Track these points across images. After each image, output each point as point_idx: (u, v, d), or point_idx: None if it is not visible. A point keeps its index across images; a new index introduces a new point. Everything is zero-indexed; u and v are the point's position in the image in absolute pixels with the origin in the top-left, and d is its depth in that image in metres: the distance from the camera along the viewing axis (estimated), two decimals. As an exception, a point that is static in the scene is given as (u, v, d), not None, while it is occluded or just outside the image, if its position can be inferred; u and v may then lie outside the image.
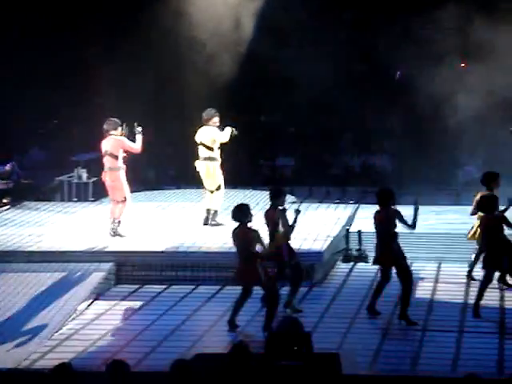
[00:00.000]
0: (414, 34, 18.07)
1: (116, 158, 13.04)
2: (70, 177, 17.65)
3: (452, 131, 17.65)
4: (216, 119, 13.57)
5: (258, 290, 10.50)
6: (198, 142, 13.66)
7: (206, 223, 13.83)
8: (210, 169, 13.59)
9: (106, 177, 13.19)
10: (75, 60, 18.66)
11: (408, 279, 10.59)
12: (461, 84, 16.88)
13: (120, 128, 13.08)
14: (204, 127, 13.63)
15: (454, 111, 17.30)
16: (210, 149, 13.53)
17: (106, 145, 13.14)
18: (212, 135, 13.54)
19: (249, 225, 10.38)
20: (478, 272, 11.57)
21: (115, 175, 13.08)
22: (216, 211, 13.72)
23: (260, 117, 20.33)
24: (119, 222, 13.26)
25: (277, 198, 11.00)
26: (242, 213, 10.40)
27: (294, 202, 14.94)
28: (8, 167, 17.05)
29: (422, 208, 10.99)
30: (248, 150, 20.18)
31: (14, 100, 18.87)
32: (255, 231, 10.34)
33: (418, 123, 18.68)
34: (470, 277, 12.04)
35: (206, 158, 13.58)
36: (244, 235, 10.34)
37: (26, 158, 19.91)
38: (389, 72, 19.64)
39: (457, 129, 17.52)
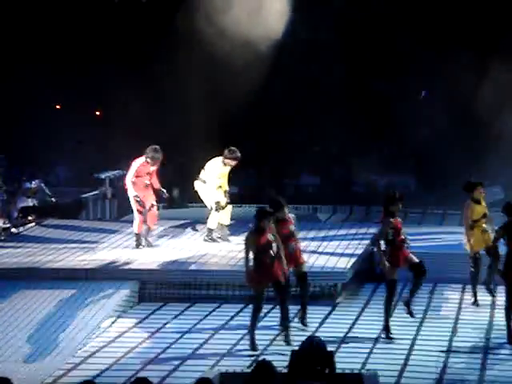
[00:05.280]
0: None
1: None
2: (94, 194, 17.75)
3: (476, 151, 17.60)
4: (230, 162, 13.96)
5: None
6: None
7: (221, 239, 14.19)
8: (203, 190, 14.11)
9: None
10: (99, 81, 18.81)
11: None
12: (485, 102, 16.85)
13: (151, 157, 13.66)
14: (218, 157, 14.04)
15: (479, 131, 17.26)
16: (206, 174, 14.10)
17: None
18: (213, 167, 13.99)
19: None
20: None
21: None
22: (210, 229, 14.13)
23: (284, 135, 20.34)
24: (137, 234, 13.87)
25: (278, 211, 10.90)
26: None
27: None
28: (34, 184, 17.18)
29: (449, 228, 10.93)
30: (272, 168, 20.21)
31: (41, 118, 19.06)
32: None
33: (440, 143, 18.64)
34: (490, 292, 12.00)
35: (201, 179, 14.14)
36: None
37: (52, 176, 20.05)
38: (412, 91, 19.64)
39: (481, 148, 17.48)
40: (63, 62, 18.55)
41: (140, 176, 13.72)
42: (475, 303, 11.89)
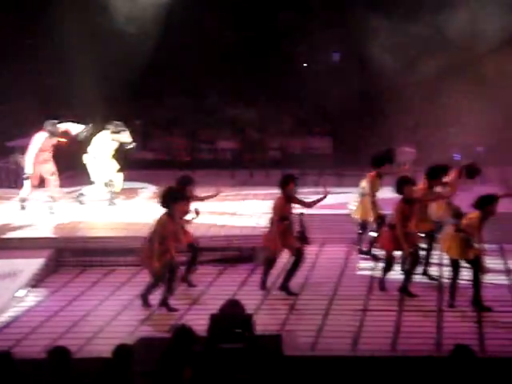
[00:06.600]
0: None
1: None
2: (6, 162, 17.38)
3: (389, 110, 17.83)
4: (116, 136, 14.42)
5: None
6: None
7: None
8: (92, 164, 14.49)
9: None
10: (10, 42, 18.34)
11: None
12: (403, 63, 17.05)
13: (50, 131, 13.99)
14: (104, 132, 14.47)
15: (393, 90, 17.48)
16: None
17: None
18: (102, 143, 14.39)
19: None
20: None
21: None
22: (83, 194, 14.65)
23: (201, 99, 20.23)
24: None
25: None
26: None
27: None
28: None
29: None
30: (188, 132, 20.11)
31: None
32: None
33: (356, 104, 18.81)
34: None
35: (90, 154, 14.49)
36: None
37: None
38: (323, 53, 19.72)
39: (394, 108, 17.71)
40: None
41: (44, 150, 13.95)
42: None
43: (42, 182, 14.44)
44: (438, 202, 11.68)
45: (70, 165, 15.94)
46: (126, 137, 14.61)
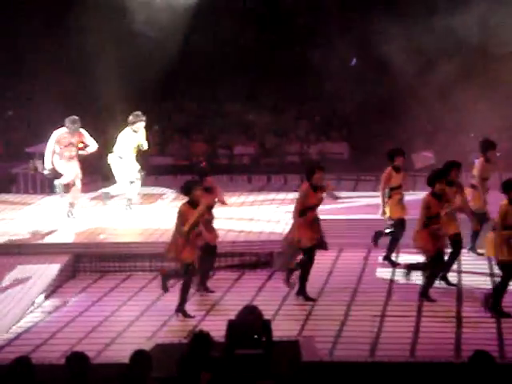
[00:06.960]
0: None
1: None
2: (25, 168, 17.48)
3: (408, 116, 17.80)
4: (138, 126, 13.96)
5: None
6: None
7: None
8: (117, 165, 14.19)
9: None
10: (30, 48, 18.47)
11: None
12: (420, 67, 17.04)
13: (69, 128, 13.77)
14: (126, 128, 14.09)
15: (411, 95, 17.45)
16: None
17: None
18: (125, 139, 14.06)
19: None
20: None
21: None
22: (108, 193, 14.51)
23: (216, 104, 20.28)
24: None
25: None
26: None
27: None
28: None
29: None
30: (205, 138, 20.17)
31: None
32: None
33: (373, 108, 18.79)
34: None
35: (115, 154, 14.13)
36: None
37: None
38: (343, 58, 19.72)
39: (413, 114, 17.68)
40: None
41: (64, 146, 13.70)
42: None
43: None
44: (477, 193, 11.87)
45: (92, 170, 15.95)
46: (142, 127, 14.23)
